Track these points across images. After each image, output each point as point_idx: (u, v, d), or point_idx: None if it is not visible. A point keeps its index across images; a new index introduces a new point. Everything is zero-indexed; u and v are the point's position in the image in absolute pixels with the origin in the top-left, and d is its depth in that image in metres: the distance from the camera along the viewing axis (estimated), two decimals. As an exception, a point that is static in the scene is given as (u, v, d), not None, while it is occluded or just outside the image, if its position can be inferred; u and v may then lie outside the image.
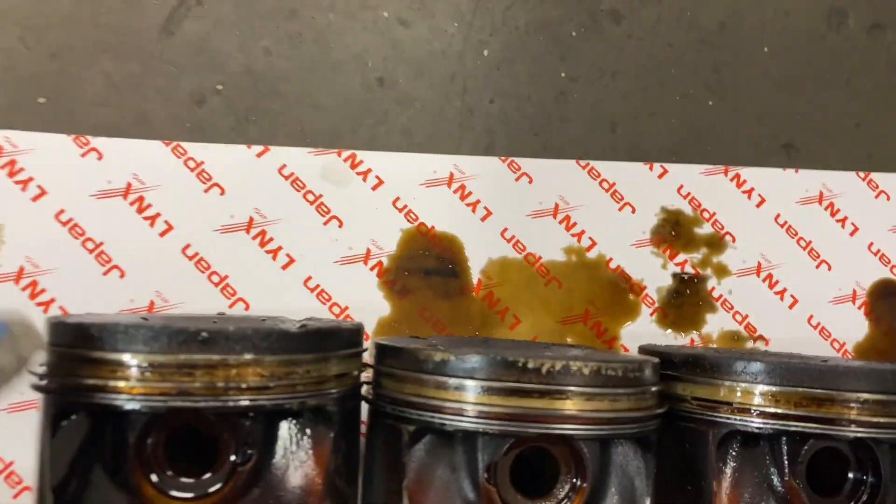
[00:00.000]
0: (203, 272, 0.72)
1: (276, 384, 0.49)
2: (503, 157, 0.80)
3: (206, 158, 0.74)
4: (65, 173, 0.71)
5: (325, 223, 0.75)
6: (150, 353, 0.47)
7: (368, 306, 0.74)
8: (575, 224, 0.81)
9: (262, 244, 0.74)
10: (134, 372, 0.47)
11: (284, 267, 0.74)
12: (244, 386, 0.48)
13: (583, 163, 0.82)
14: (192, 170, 0.73)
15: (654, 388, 0.57)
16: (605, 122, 0.85)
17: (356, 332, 0.57)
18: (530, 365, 0.52)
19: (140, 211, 0.72)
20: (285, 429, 0.51)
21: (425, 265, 0.77)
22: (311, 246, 0.75)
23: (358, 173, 0.77)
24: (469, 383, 0.52)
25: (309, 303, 0.73)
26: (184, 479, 0.49)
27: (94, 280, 0.69)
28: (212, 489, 0.49)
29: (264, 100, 0.78)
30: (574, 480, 0.54)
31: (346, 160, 0.77)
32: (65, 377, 0.50)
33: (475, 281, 0.78)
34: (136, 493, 0.48)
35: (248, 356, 0.48)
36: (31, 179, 0.70)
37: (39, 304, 0.68)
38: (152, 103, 0.75)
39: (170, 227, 0.72)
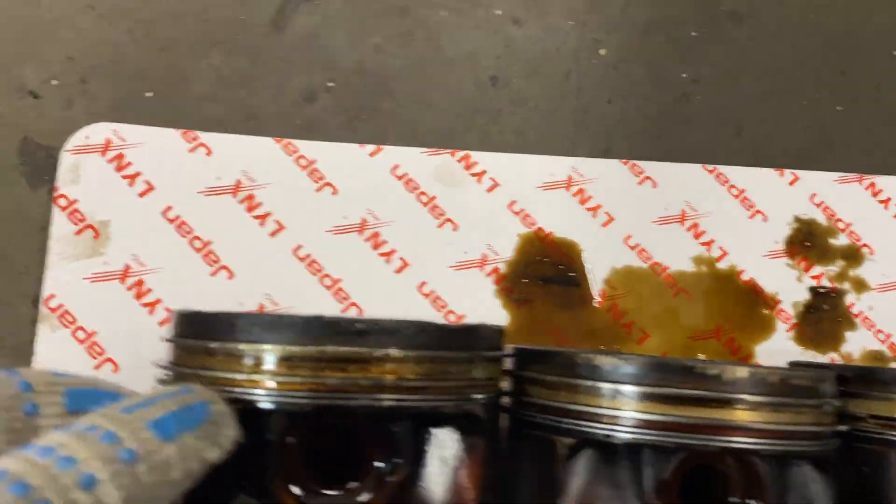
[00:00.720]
0: (315, 274, 0.68)
1: (432, 384, 0.45)
2: (624, 160, 0.76)
3: (317, 157, 0.71)
4: (173, 169, 0.68)
5: (440, 226, 0.71)
6: (298, 344, 0.43)
7: (486, 314, 0.70)
8: (703, 232, 0.75)
9: (376, 247, 0.70)
10: (278, 366, 0.43)
11: (398, 271, 0.70)
12: (402, 384, 0.43)
13: (709, 167, 0.77)
14: (304, 168, 0.70)
15: (836, 403, 0.51)
16: (730, 126, 0.80)
17: (499, 334, 0.52)
18: (710, 371, 0.46)
19: (250, 209, 0.68)
20: (438, 436, 0.46)
21: (544, 272, 0.72)
22: (425, 249, 0.70)
23: (472, 174, 0.73)
24: (637, 390, 0.47)
25: (424, 309, 0.69)
26: (327, 492, 0.45)
27: (201, 280, 0.66)
28: (360, 501, 0.44)
29: (375, 98, 0.74)
30: (748, 503, 0.49)
31: (459, 161, 0.73)
32: (193, 371, 0.46)
33: (597, 291, 0.73)
34: (276, 505, 0.43)
35: (403, 352, 0.44)
36: (138, 175, 0.68)
37: (145, 305, 0.65)
38: (261, 99, 0.72)
39: (280, 227, 0.69)
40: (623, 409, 0.47)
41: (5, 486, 0.26)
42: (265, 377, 0.43)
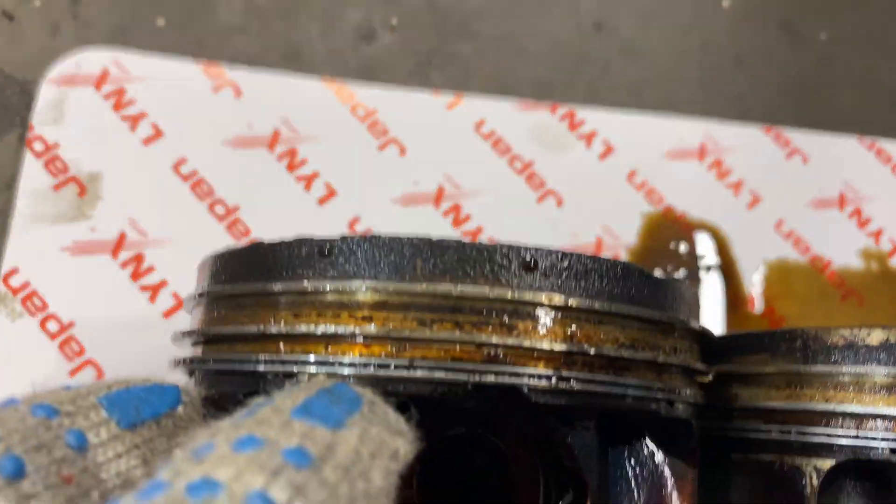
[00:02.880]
0: (379, 253, 0.51)
1: (637, 363, 0.28)
2: (766, 127, 0.60)
3: (380, 106, 0.55)
4: (190, 112, 0.52)
5: (539, 199, 0.55)
6: (412, 281, 0.26)
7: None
8: (869, 220, 0.60)
9: (457, 223, 0.54)
10: (376, 318, 0.27)
11: (489, 254, 0.53)
12: (591, 358, 0.26)
13: (867, 141, 0.62)
14: (362, 119, 0.54)
15: None
16: (882, 93, 0.66)
17: (697, 300, 0.35)
18: None
19: (291, 168, 0.52)
20: (640, 452, 0.29)
21: (679, 264, 0.56)
22: (521, 228, 0.54)
23: (579, 137, 0.57)
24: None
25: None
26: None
27: (225, 258, 0.49)
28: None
29: (452, 40, 0.59)
30: None
31: (562, 118, 0.57)
32: (240, 356, 0.29)
33: (748, 290, 0.56)
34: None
35: (601, 303, 0.27)
36: (143, 116, 0.51)
37: (144, 289, 0.48)
38: (305, 34, 0.57)
39: (332, 193, 0.52)
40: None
41: None
42: (358, 336, 0.26)
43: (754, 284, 0.57)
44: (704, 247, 0.57)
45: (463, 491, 0.30)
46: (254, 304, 0.29)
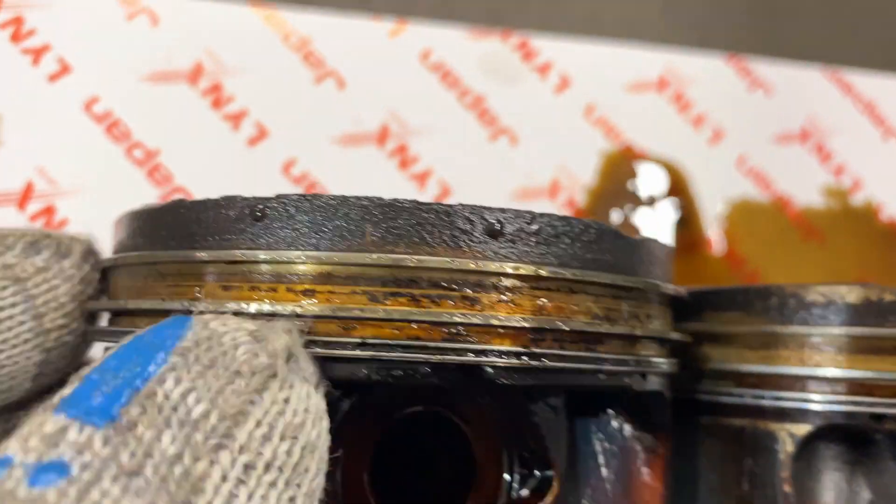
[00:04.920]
0: (319, 200, 0.48)
1: (611, 336, 0.26)
2: (730, 54, 0.58)
3: (315, 33, 0.51)
4: (100, 44, 0.47)
5: (492, 137, 0.52)
6: (358, 250, 0.24)
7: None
8: (830, 155, 0.59)
9: (403, 164, 0.51)
10: (319, 290, 0.24)
11: (438, 198, 0.50)
12: (556, 328, 0.24)
13: (831, 71, 0.60)
14: (296, 49, 0.50)
15: None
16: (847, 19, 0.64)
17: (670, 257, 0.33)
18: None
19: (217, 105, 0.48)
20: (608, 426, 0.28)
21: (638, 205, 0.54)
22: (473, 171, 0.52)
23: (534, 69, 0.54)
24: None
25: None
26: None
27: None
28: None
29: (392, -40, 0.55)
30: None
31: (516, 48, 0.54)
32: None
33: (709, 230, 0.55)
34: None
35: (556, 270, 0.25)
36: (46, 49, 0.46)
37: (57, 245, 0.44)
38: (230, -47, 0.52)
39: (263, 133, 0.49)
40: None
41: None
42: (298, 314, 0.24)
43: (714, 224, 0.55)
44: (662, 184, 0.55)
45: (420, 474, 0.29)
46: (176, 274, 0.26)
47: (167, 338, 0.20)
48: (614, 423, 0.29)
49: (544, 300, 0.25)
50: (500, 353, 0.24)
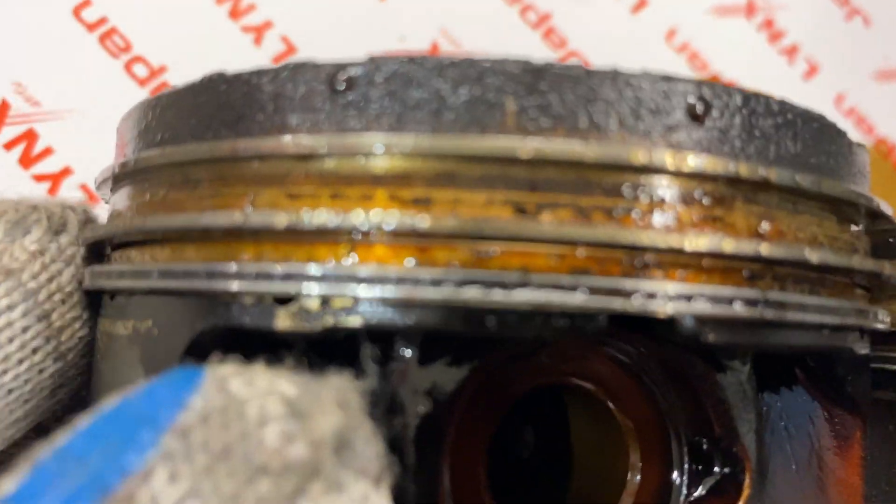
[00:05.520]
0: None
1: (836, 277, 0.18)
2: (825, -19, 0.51)
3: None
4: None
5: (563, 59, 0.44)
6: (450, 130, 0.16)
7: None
8: (939, 96, 0.51)
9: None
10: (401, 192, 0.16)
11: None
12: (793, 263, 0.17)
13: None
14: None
15: None
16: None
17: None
18: None
19: (235, 15, 0.40)
20: (798, 408, 0.20)
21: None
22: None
23: (604, -15, 0.46)
24: None
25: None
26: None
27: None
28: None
29: None
30: None
31: (584, -39, 0.46)
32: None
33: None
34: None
35: (803, 175, 0.17)
36: (25, -62, 0.38)
37: (39, 180, 0.36)
38: None
39: (290, 49, 0.41)
40: None
41: None
42: (407, 231, 0.16)
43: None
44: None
45: (533, 472, 0.21)
46: (215, 179, 0.18)
47: (162, 405, 0.13)
48: (803, 401, 0.21)
49: (765, 221, 0.17)
50: (710, 298, 0.16)
